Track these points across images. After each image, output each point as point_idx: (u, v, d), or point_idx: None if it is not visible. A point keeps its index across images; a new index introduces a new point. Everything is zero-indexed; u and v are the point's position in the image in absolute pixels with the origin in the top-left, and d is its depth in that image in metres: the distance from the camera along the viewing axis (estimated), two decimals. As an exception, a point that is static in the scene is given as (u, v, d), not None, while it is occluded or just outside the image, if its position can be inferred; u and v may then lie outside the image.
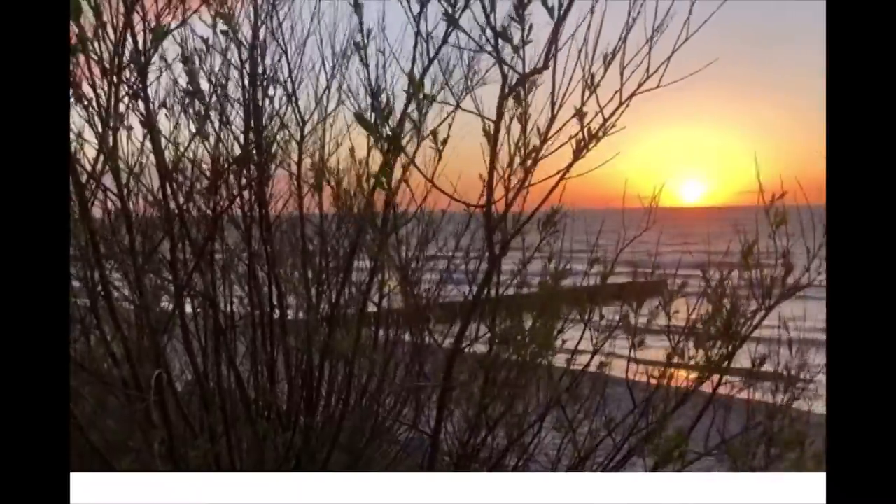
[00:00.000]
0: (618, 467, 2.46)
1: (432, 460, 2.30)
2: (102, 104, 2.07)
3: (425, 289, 2.97)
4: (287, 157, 2.71)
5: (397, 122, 2.13)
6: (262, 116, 2.53)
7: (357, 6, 2.18)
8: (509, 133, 1.98)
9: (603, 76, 1.91)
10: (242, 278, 2.74)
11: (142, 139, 2.45)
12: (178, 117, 2.51)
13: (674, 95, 1.90)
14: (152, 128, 2.23)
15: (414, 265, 2.88)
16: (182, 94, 2.45)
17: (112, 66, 2.04)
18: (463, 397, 2.48)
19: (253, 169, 2.53)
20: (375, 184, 2.29)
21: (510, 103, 1.95)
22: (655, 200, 2.42)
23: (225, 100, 2.49)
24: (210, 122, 2.44)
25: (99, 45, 2.01)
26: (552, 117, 1.93)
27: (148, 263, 2.34)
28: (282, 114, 2.62)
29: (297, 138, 2.70)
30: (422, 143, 2.11)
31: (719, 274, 2.30)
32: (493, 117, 1.97)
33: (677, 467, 2.30)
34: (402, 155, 2.09)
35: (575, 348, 2.63)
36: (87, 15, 1.93)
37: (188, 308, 2.58)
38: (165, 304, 2.49)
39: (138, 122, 2.22)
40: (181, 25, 2.27)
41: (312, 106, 2.72)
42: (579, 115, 1.93)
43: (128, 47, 2.04)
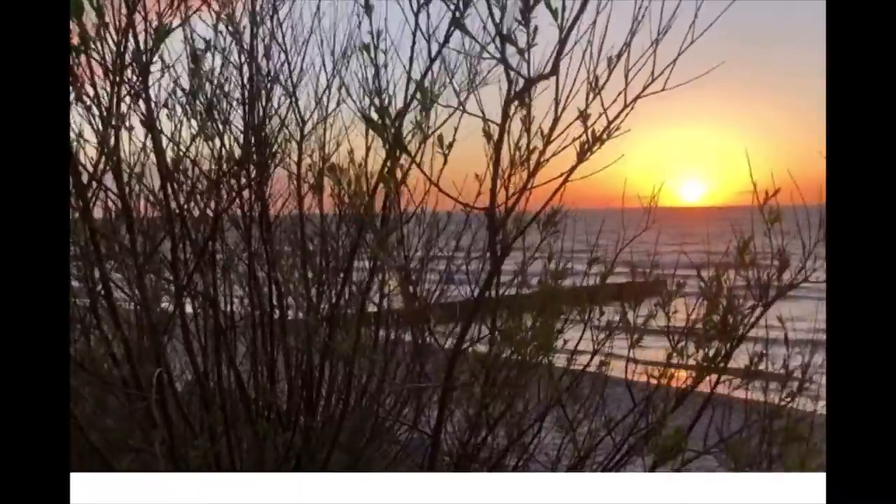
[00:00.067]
0: (617, 467, 2.46)
1: (432, 460, 2.30)
2: (104, 104, 2.08)
3: (426, 289, 2.97)
4: (287, 157, 2.72)
5: (401, 122, 2.13)
6: (262, 116, 2.53)
7: (368, 7, 2.18)
8: (510, 135, 1.97)
9: (608, 79, 1.90)
10: (242, 278, 2.74)
11: (143, 139, 2.46)
12: (179, 117, 2.51)
13: (675, 96, 1.89)
14: (153, 128, 2.23)
15: (414, 265, 2.89)
16: (183, 93, 2.45)
17: (114, 65, 2.05)
18: (464, 397, 2.48)
19: (253, 169, 2.54)
20: (376, 184, 2.29)
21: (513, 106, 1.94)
22: (655, 200, 2.42)
23: (225, 100, 2.49)
24: (211, 122, 2.45)
25: (101, 45, 2.01)
26: (556, 119, 1.92)
27: (148, 263, 2.34)
28: (282, 114, 2.62)
29: (297, 138, 2.71)
30: (424, 144, 2.11)
31: (715, 272, 2.29)
32: (496, 119, 1.96)
33: (676, 465, 2.30)
34: (405, 155, 2.09)
35: (575, 348, 2.63)
36: (89, 14, 1.94)
37: (188, 308, 2.59)
38: (166, 304, 2.49)
39: (139, 121, 2.23)
40: (182, 24, 2.28)
41: (312, 106, 2.73)
42: (583, 117, 1.92)
43: (129, 47, 2.04)
